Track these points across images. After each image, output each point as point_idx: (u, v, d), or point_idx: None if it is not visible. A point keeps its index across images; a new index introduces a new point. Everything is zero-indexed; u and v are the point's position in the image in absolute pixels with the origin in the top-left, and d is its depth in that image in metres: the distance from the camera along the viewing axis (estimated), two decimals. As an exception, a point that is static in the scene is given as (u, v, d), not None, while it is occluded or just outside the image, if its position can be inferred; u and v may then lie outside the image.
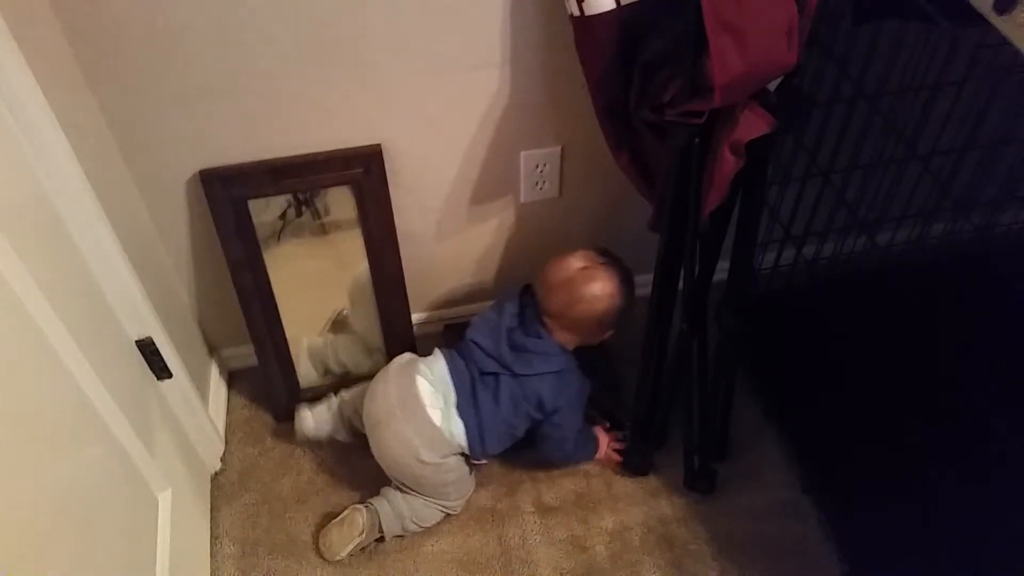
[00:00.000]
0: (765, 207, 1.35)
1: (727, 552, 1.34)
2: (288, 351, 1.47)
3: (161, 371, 1.25)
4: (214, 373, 1.56)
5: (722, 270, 1.27)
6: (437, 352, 1.36)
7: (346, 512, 1.34)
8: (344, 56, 1.18)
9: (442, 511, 1.36)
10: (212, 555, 1.35)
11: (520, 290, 1.36)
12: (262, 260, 1.36)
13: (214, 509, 1.41)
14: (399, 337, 1.52)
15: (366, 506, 1.33)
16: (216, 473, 1.47)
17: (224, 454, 1.49)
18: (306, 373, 1.52)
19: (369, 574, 1.33)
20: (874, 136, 1.34)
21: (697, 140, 1.10)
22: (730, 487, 1.42)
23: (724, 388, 1.40)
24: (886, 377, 1.43)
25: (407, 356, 1.37)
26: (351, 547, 1.32)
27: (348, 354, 1.54)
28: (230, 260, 1.35)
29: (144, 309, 1.19)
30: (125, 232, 1.15)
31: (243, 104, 1.21)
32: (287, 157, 1.28)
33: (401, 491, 1.33)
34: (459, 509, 1.38)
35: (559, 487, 1.43)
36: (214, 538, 1.38)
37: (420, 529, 1.35)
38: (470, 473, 1.37)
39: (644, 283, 1.66)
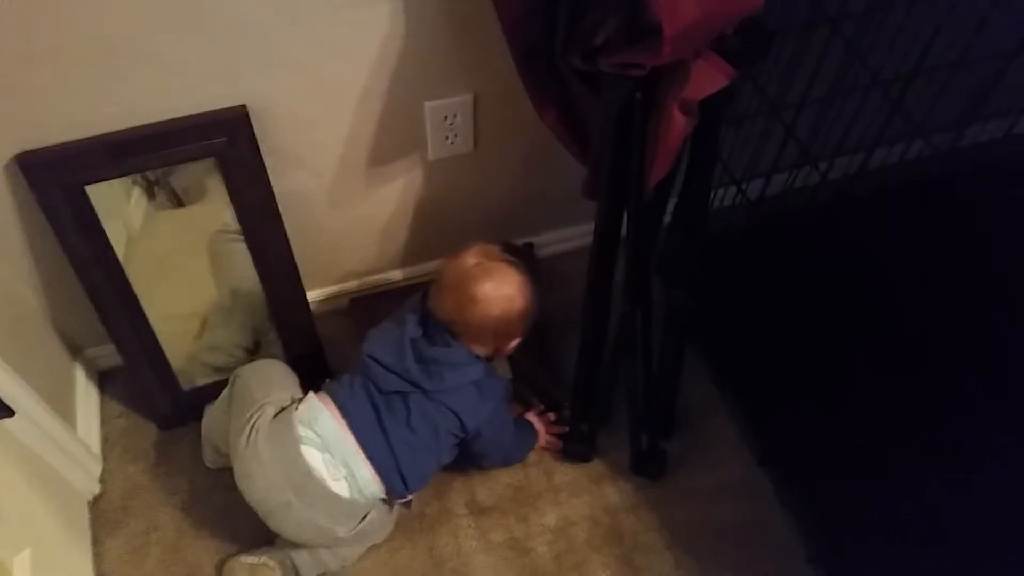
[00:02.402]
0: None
1: (681, 541, 1.22)
2: (160, 350, 1.24)
3: (1, 411, 1.02)
4: (80, 378, 1.32)
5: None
6: (313, 400, 1.09)
7: (259, 560, 1.14)
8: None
9: (367, 546, 1.20)
10: (97, 599, 1.17)
11: (421, 295, 1.13)
12: (112, 253, 1.11)
13: (97, 543, 1.21)
14: (294, 321, 1.30)
15: (281, 562, 1.14)
16: (96, 498, 1.25)
17: (103, 473, 1.28)
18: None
19: (283, 604, 1.16)
20: (827, 64, 1.14)
21: (639, 95, 0.89)
22: (680, 466, 1.29)
23: (672, 362, 1.24)
24: (845, 330, 1.29)
25: (268, 412, 1.08)
26: None
27: (231, 348, 1.32)
28: (73, 257, 1.10)
29: (-36, 340, 0.95)
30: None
31: (63, 68, 0.95)
32: (128, 130, 1.03)
33: None
34: (386, 535, 1.22)
35: (494, 482, 1.28)
36: (98, 579, 1.18)
37: (346, 564, 1.19)
38: (391, 510, 1.18)
39: (577, 235, 1.49)
